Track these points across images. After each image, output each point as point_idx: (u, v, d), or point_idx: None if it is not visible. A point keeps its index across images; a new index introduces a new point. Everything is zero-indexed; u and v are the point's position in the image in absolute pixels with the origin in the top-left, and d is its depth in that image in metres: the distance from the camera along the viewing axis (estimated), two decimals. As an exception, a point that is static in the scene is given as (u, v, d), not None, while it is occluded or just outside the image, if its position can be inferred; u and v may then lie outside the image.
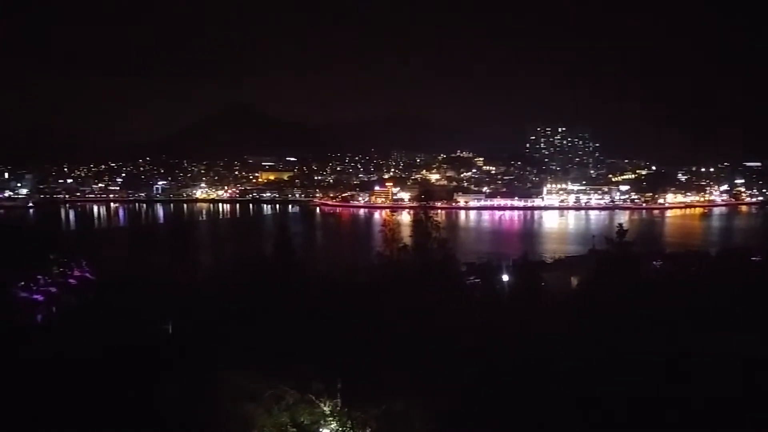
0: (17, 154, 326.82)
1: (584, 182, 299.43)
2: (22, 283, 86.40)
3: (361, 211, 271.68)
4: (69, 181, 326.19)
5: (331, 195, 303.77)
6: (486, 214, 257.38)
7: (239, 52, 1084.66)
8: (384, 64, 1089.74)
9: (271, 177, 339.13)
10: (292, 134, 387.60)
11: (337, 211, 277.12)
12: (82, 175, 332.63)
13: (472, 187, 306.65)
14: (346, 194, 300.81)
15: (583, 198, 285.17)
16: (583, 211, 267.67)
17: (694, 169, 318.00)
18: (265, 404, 24.00)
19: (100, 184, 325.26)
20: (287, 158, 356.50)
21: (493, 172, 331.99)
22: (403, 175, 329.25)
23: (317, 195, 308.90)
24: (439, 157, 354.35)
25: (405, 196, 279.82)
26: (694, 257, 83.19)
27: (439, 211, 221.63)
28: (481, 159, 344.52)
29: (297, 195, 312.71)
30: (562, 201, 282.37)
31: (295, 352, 25.15)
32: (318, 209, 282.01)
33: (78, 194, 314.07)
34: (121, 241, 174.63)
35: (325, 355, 24.78)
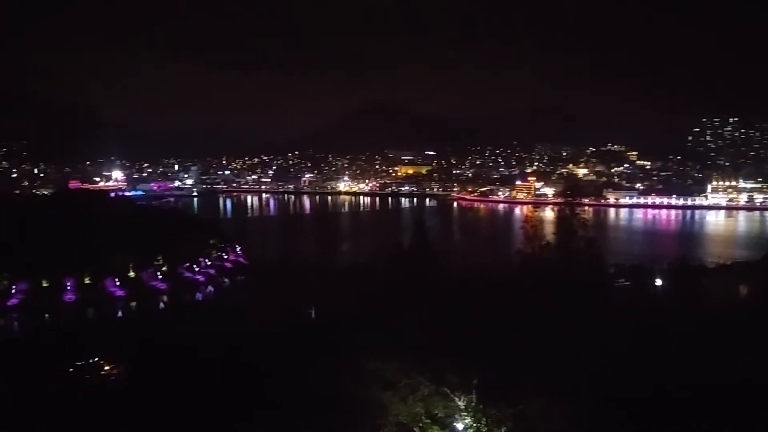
0: (186, 148, 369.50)
1: (761, 179, 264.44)
2: (188, 264, 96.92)
3: (501, 206, 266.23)
4: (227, 172, 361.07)
5: (470, 189, 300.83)
6: (639, 213, 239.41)
7: (384, 48, 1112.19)
8: (529, 57, 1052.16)
9: (410, 171, 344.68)
10: (433, 128, 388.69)
11: (475, 205, 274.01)
12: (238, 167, 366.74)
13: (624, 183, 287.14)
14: (485, 188, 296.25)
15: (759, 197, 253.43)
16: (757, 212, 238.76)
17: None
18: (401, 393, 24.09)
19: (253, 176, 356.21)
20: (426, 152, 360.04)
21: (647, 167, 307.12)
22: (548, 170, 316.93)
23: (455, 189, 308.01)
24: (588, 151, 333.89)
25: (549, 191, 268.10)
26: None
27: (587, 208, 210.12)
28: (634, 153, 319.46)
29: (435, 189, 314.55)
30: (730, 200, 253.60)
31: (431, 345, 24.95)
32: (455, 203, 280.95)
33: (234, 185, 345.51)
34: (270, 230, 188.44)
35: (461, 350, 24.30)
